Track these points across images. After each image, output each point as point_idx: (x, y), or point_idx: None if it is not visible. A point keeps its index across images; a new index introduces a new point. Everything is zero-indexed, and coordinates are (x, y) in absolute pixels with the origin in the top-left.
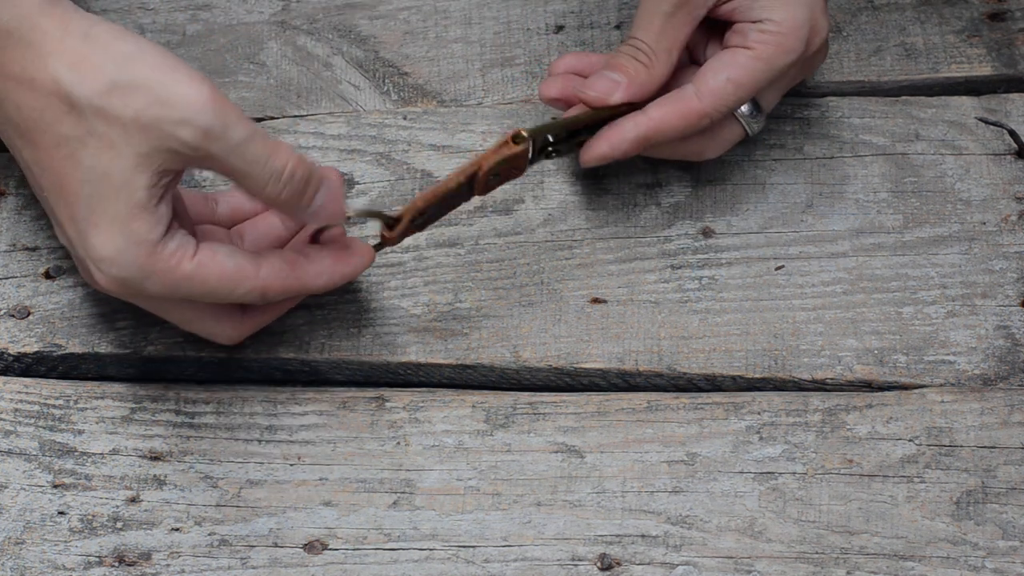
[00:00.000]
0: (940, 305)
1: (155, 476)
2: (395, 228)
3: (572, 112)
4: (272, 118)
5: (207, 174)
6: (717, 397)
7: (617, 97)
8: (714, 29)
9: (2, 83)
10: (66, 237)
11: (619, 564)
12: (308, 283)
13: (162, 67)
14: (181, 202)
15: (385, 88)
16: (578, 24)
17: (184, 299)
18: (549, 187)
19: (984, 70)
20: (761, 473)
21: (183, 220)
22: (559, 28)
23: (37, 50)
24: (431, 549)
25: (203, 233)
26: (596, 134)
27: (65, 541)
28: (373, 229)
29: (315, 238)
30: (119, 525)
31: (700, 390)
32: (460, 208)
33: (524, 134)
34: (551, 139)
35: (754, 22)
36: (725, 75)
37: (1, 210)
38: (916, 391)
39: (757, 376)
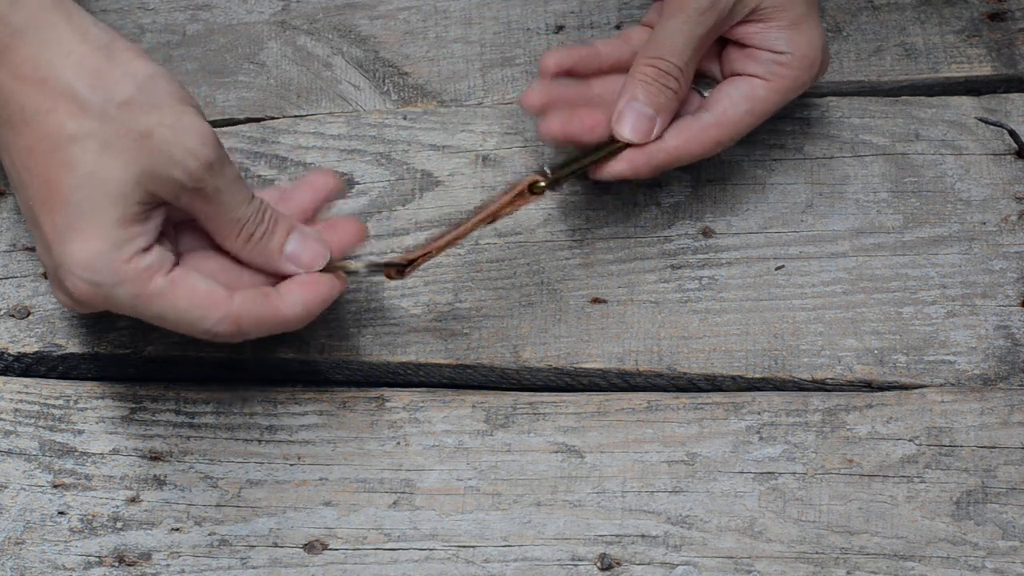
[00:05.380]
0: (940, 305)
1: (155, 476)
2: (406, 273)
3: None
4: (272, 118)
5: None
6: (717, 397)
7: (654, 135)
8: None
9: (11, 83)
10: (45, 244)
11: (619, 564)
12: (284, 312)
13: (177, 96)
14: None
15: (385, 88)
16: (578, 24)
17: (154, 319)
18: None
19: (984, 70)
20: (761, 473)
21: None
22: (559, 28)
23: (53, 51)
24: (431, 549)
25: (186, 244)
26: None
27: (65, 541)
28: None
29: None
30: (119, 525)
31: (700, 390)
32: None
33: (542, 183)
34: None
35: (775, 52)
36: (746, 108)
37: (1, 210)
38: (916, 391)
39: (757, 376)
